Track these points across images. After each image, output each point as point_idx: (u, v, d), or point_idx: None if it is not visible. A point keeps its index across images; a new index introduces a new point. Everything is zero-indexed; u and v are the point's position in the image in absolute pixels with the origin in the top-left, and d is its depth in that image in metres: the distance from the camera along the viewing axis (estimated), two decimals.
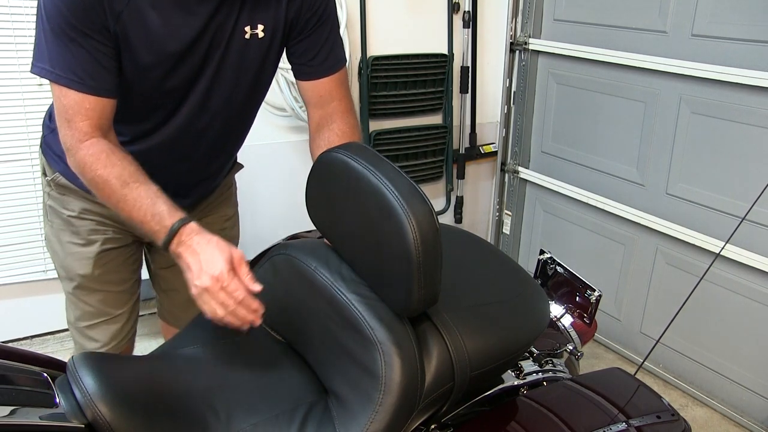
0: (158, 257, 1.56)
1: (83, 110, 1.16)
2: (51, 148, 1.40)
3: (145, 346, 1.69)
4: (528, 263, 2.93)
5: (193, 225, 1.11)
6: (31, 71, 1.18)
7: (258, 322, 1.08)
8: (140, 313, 1.56)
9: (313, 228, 1.21)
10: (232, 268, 1.06)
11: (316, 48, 1.32)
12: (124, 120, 1.25)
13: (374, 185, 0.98)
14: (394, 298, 1.01)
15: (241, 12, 1.21)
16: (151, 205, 1.13)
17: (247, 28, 1.22)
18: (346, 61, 1.39)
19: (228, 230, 1.58)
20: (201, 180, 1.45)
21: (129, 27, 1.14)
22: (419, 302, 0.99)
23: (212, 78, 1.25)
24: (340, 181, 1.05)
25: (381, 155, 1.04)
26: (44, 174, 1.43)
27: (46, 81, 1.18)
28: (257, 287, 1.07)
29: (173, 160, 1.34)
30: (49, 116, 1.40)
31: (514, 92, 2.91)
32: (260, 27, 1.24)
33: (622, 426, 1.17)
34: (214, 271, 1.05)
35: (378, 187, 0.97)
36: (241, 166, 1.59)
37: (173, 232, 1.10)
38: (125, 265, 1.46)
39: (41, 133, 1.45)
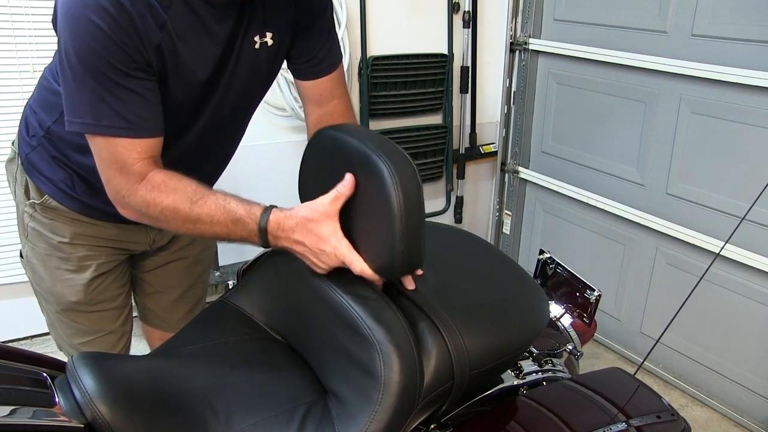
0: (141, 262, 1.50)
1: (135, 154, 1.08)
2: (37, 168, 1.31)
3: (144, 345, 1.69)
4: (528, 263, 2.93)
5: (275, 218, 1.06)
6: (68, 129, 1.08)
7: None
8: (134, 314, 1.54)
9: None
10: (334, 230, 1.04)
11: (317, 46, 1.30)
12: None
13: (358, 148, 1.01)
14: (378, 258, 1.02)
15: (251, 23, 1.17)
16: (226, 215, 1.07)
17: (257, 38, 1.19)
18: (342, 56, 1.38)
19: None
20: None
21: (168, 60, 1.08)
22: (402, 262, 0.99)
23: (224, 92, 1.21)
24: (329, 156, 1.07)
25: (371, 130, 1.05)
26: (27, 195, 1.34)
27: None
28: None
29: (183, 171, 1.32)
30: (26, 128, 1.31)
31: (514, 92, 2.92)
32: (269, 35, 1.20)
33: (622, 426, 1.17)
34: (328, 261, 1.05)
35: (362, 149, 1.00)
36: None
37: (264, 234, 1.07)
38: (116, 282, 1.42)
39: (16, 149, 1.35)
